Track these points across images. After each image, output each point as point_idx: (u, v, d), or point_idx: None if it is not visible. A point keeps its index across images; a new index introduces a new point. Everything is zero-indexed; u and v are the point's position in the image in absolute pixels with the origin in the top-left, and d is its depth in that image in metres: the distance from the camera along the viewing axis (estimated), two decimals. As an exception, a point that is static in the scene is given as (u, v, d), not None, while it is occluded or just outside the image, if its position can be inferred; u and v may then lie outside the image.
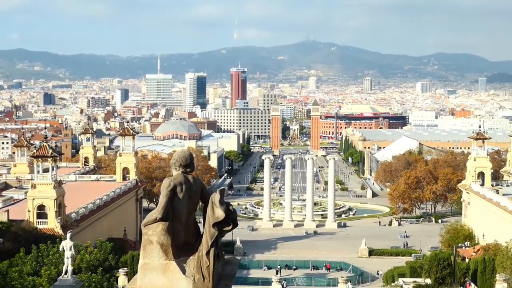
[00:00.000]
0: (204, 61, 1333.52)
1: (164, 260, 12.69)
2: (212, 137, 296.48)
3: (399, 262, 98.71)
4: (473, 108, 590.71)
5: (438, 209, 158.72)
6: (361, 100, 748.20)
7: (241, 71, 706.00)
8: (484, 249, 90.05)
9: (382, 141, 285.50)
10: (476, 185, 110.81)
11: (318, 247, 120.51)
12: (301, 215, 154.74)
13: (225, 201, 12.75)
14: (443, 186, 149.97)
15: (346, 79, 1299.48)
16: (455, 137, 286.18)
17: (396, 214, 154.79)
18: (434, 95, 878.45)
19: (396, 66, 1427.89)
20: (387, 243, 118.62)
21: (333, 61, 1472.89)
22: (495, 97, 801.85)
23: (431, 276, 79.12)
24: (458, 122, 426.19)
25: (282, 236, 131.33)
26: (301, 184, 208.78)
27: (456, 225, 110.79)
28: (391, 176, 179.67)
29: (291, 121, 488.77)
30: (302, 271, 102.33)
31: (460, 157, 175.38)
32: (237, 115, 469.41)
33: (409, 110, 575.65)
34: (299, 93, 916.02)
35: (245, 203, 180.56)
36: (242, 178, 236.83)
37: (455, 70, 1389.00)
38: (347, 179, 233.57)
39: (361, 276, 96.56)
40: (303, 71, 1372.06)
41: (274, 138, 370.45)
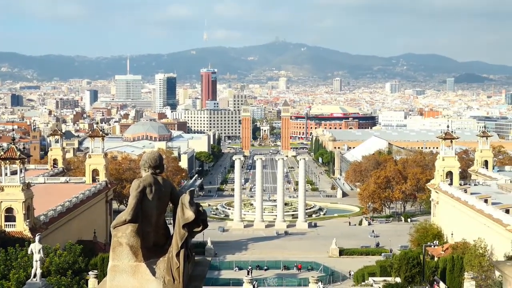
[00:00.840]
0: (174, 62, 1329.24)
1: (134, 262, 12.63)
2: (183, 138, 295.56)
3: (369, 262, 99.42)
4: (442, 108, 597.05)
5: (407, 209, 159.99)
6: (331, 100, 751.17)
7: (211, 72, 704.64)
8: (452, 247, 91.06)
9: (352, 141, 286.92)
10: (445, 184, 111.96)
11: (289, 247, 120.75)
12: (272, 215, 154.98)
13: (195, 202, 12.73)
14: (412, 186, 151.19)
15: (316, 79, 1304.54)
16: (424, 137, 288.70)
17: (366, 213, 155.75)
18: (403, 95, 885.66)
19: (365, 66, 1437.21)
20: (358, 243, 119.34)
21: (303, 61, 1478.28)
22: (463, 98, 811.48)
23: (400, 275, 79.81)
24: (426, 122, 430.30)
25: (253, 237, 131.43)
26: (271, 184, 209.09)
27: (425, 224, 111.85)
28: (361, 176, 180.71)
29: (262, 122, 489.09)
30: (273, 271, 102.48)
31: (429, 156, 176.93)
32: (207, 116, 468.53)
33: (378, 110, 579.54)
34: (269, 94, 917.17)
35: (216, 204, 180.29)
36: (213, 179, 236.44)
37: (423, 71, 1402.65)
38: (318, 179, 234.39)
39: (332, 276, 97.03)
40: (273, 72, 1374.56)
41: (245, 139, 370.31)
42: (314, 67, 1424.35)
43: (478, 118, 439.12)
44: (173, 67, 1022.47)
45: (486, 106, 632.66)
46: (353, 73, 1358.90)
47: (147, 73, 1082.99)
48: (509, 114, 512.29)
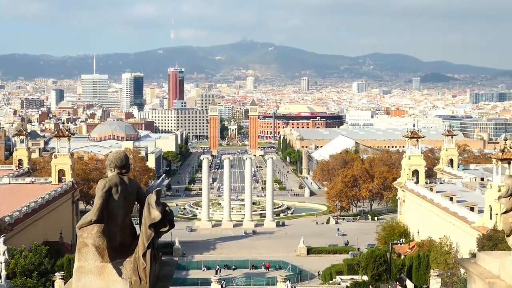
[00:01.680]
0: (141, 61, 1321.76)
1: (99, 262, 12.53)
2: (150, 137, 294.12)
3: (336, 260, 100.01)
4: (408, 107, 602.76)
5: (374, 207, 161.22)
6: (299, 100, 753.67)
7: (178, 71, 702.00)
8: (418, 245, 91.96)
9: (319, 141, 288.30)
10: (411, 183, 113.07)
11: (257, 247, 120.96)
12: (240, 215, 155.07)
13: (161, 202, 12.67)
14: (379, 184, 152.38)
15: (284, 79, 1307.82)
16: (390, 136, 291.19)
17: (334, 212, 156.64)
18: (370, 94, 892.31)
19: (332, 66, 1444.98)
20: (325, 241, 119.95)
21: (271, 61, 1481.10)
22: (428, 97, 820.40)
23: (368, 273, 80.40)
24: (393, 121, 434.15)
25: (221, 236, 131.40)
26: (239, 184, 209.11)
27: (391, 223, 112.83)
28: (328, 175, 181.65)
29: (229, 121, 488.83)
30: (242, 270, 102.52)
31: (395, 155, 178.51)
32: (175, 115, 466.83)
33: (345, 109, 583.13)
34: (237, 93, 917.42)
35: (183, 203, 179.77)
36: (181, 178, 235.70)
37: (390, 70, 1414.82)
38: (285, 178, 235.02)
39: (300, 275, 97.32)
40: (240, 71, 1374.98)
41: (212, 138, 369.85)
42: (282, 67, 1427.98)
43: (443, 117, 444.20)
44: (140, 66, 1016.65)
45: (451, 105, 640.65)
46: (320, 72, 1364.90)
47: (113, 73, 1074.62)
48: (474, 113, 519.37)
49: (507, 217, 13.16)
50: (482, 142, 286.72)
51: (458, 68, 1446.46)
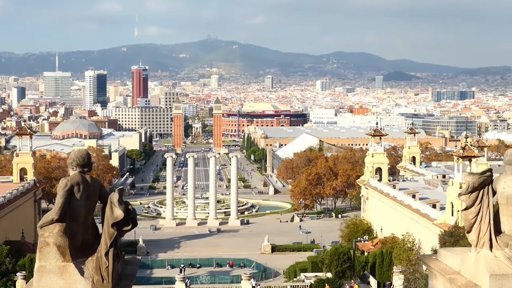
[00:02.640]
0: (104, 58, 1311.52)
1: (61, 262, 12.40)
2: (113, 136, 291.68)
3: (301, 258, 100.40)
4: (371, 105, 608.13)
5: (338, 205, 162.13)
6: (263, 98, 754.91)
7: (142, 69, 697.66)
8: (382, 242, 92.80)
9: (283, 139, 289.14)
10: (374, 180, 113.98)
11: (221, 245, 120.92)
12: (204, 213, 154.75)
13: (124, 200, 12.60)
14: (342, 182, 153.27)
15: (248, 77, 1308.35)
16: (354, 134, 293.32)
17: (298, 210, 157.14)
18: (334, 93, 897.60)
19: (296, 64, 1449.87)
20: (290, 239, 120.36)
21: (235, 59, 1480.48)
22: (391, 95, 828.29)
23: (331, 270, 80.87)
24: (356, 119, 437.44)
25: (186, 235, 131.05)
26: (204, 182, 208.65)
27: (355, 220, 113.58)
28: (292, 173, 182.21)
29: (194, 119, 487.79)
30: (206, 269, 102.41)
31: (359, 153, 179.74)
32: (138, 113, 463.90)
33: (309, 107, 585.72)
34: (201, 91, 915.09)
35: (147, 202, 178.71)
36: (145, 177, 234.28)
37: (353, 69, 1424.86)
38: (250, 177, 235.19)
39: (264, 272, 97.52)
40: (205, 69, 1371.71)
41: (177, 137, 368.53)
42: (246, 65, 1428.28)
43: (406, 115, 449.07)
44: (103, 64, 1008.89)
45: (413, 104, 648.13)
46: (284, 70, 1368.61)
47: (76, 70, 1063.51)
48: (436, 112, 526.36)
49: (467, 214, 13.35)
50: (443, 140, 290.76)
51: (421, 67, 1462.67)
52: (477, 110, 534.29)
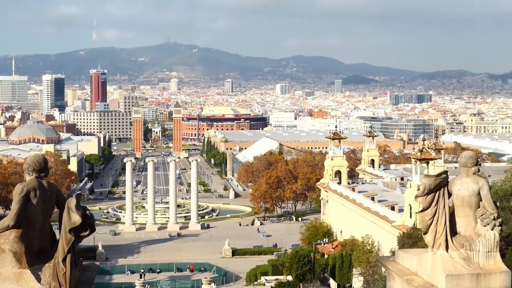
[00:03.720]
0: (62, 62, 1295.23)
1: (17, 268, 12.23)
2: (72, 140, 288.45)
3: (261, 261, 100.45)
4: (330, 109, 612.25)
5: (298, 208, 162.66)
6: (223, 102, 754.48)
7: (100, 73, 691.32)
8: (341, 244, 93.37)
9: (243, 142, 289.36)
10: (334, 183, 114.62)
11: (182, 249, 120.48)
12: (164, 217, 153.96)
13: (82, 205, 12.48)
14: (302, 185, 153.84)
15: (208, 81, 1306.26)
16: (313, 137, 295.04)
17: (258, 213, 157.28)
18: (293, 96, 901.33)
19: (256, 68, 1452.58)
20: (250, 243, 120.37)
21: (195, 63, 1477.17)
22: (350, 99, 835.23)
23: (292, 273, 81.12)
24: (316, 122, 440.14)
25: (146, 240, 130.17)
26: (164, 186, 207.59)
27: (315, 223, 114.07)
28: (252, 176, 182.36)
29: (153, 124, 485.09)
30: (166, 274, 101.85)
31: (318, 156, 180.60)
32: (97, 117, 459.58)
33: (269, 111, 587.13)
34: (160, 95, 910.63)
35: (106, 207, 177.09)
36: (104, 182, 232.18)
37: (312, 72, 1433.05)
38: (210, 180, 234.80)
39: (225, 276, 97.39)
40: (164, 73, 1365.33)
41: (136, 141, 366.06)
42: (206, 69, 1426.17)
43: (364, 119, 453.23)
44: (61, 67, 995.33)
45: (372, 107, 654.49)
46: (244, 74, 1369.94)
47: (33, 74, 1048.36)
48: (394, 115, 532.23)
49: (424, 216, 13.55)
50: (402, 143, 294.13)
51: (379, 71, 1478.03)
52: (434, 113, 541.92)
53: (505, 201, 41.17)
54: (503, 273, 12.96)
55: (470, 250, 13.08)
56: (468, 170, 13.52)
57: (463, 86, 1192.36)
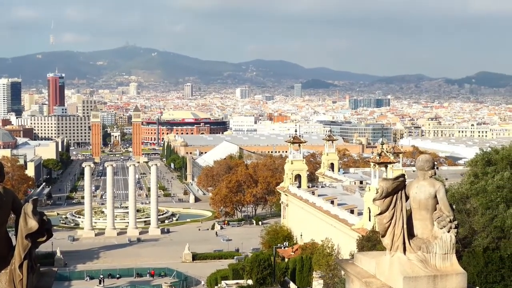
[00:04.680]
0: (19, 66, 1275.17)
1: (-27, 275, 12.03)
2: (29, 145, 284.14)
3: (222, 265, 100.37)
4: (290, 113, 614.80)
5: (258, 212, 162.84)
6: (183, 106, 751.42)
7: (58, 77, 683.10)
8: (302, 248, 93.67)
9: (203, 146, 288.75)
10: (293, 187, 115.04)
11: (142, 254, 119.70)
12: (124, 222, 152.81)
13: (38, 211, 12.32)
14: (263, 189, 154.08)
15: (167, 85, 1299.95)
16: (273, 141, 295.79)
17: (219, 218, 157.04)
18: (253, 100, 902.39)
19: (216, 72, 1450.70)
20: (211, 247, 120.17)
21: (154, 67, 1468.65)
22: (309, 103, 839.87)
23: (252, 277, 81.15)
24: (276, 126, 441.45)
25: (105, 245, 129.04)
26: (123, 191, 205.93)
27: (275, 227, 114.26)
28: (213, 180, 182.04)
29: (112, 128, 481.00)
30: (126, 279, 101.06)
31: (278, 160, 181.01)
32: (55, 122, 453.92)
33: (229, 115, 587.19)
34: (120, 99, 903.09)
35: (65, 212, 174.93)
36: (62, 187, 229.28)
37: (272, 77, 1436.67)
38: (170, 185, 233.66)
39: (185, 281, 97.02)
40: (123, 77, 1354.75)
41: (95, 145, 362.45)
42: (165, 73, 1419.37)
43: (324, 123, 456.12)
44: (18, 71, 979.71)
45: (331, 111, 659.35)
46: (204, 78, 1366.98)
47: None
48: (353, 119, 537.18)
49: (382, 218, 13.69)
50: (361, 147, 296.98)
51: (338, 75, 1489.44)
52: (392, 117, 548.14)
53: (461, 203, 41.81)
54: (459, 274, 13.17)
55: (427, 252, 13.26)
56: (425, 173, 13.72)
57: (421, 90, 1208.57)
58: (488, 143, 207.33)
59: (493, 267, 37.69)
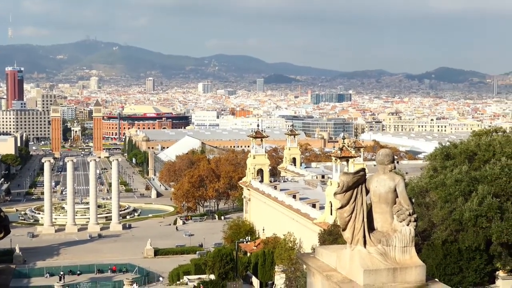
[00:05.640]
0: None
1: None
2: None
3: (184, 260, 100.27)
4: (252, 108, 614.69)
5: (221, 206, 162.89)
6: (144, 100, 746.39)
7: (17, 70, 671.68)
8: (264, 242, 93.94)
9: (165, 141, 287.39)
10: (256, 181, 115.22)
11: (103, 250, 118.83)
12: (84, 218, 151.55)
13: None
14: (225, 184, 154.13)
15: (129, 79, 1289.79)
16: (236, 136, 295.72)
17: (181, 213, 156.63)
18: (216, 95, 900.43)
19: (178, 66, 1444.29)
20: (173, 242, 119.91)
21: (115, 61, 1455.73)
22: (272, 97, 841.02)
23: (215, 272, 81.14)
24: (238, 121, 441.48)
25: (65, 241, 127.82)
26: (84, 186, 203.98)
27: (238, 221, 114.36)
28: (175, 175, 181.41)
29: (73, 123, 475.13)
30: (87, 275, 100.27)
31: (241, 155, 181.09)
32: (13, 116, 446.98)
33: (191, 110, 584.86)
34: (80, 94, 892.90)
35: (24, 208, 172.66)
36: (21, 182, 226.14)
37: (234, 71, 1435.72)
38: (132, 180, 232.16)
39: (147, 277, 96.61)
40: (84, 71, 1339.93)
41: (55, 140, 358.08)
42: (127, 67, 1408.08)
43: (286, 117, 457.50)
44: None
45: (293, 106, 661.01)
46: (166, 73, 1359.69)
47: None
48: (315, 114, 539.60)
49: (342, 212, 13.78)
50: (322, 141, 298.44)
51: (300, 70, 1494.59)
52: (354, 112, 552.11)
53: (421, 197, 42.34)
54: (418, 267, 13.33)
55: (387, 245, 13.39)
56: (385, 167, 13.84)
57: (382, 85, 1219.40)
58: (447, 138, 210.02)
59: (452, 259, 38.29)
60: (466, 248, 38.42)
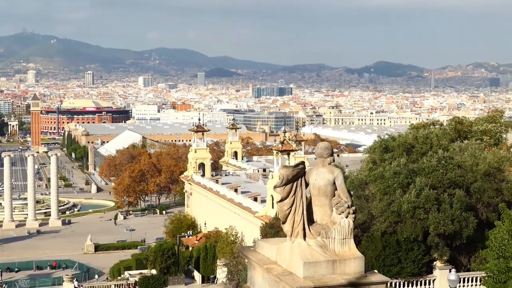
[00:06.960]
0: None
1: None
2: None
3: (125, 256, 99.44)
4: (193, 102, 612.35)
5: (162, 201, 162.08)
6: (84, 94, 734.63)
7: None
8: (206, 236, 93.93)
9: (105, 136, 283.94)
10: (197, 175, 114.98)
11: (42, 247, 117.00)
12: (22, 214, 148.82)
13: None
14: (166, 178, 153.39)
15: (68, 73, 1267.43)
16: (177, 130, 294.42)
17: (122, 208, 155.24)
18: (156, 89, 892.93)
19: (118, 60, 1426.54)
20: (113, 238, 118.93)
21: (53, 54, 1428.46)
22: (213, 91, 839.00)
23: (156, 267, 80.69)
24: (179, 115, 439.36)
25: (3, 238, 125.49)
26: (22, 182, 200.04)
27: (179, 216, 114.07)
28: (115, 170, 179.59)
29: (10, 117, 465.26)
30: (25, 272, 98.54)
31: (182, 149, 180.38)
32: None
33: (132, 104, 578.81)
34: (17, 87, 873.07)
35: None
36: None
37: (175, 65, 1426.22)
38: (71, 175, 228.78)
39: (88, 273, 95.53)
40: (21, 64, 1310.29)
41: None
42: (65, 60, 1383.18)
43: (228, 111, 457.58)
44: None
45: (235, 100, 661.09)
46: (105, 66, 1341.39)
47: None
48: (256, 107, 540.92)
49: (282, 205, 13.89)
50: (264, 135, 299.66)
51: (241, 64, 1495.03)
52: (295, 106, 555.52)
53: (360, 190, 42.94)
54: (357, 258, 13.55)
55: (326, 237, 13.57)
56: (324, 160, 14.00)
57: (322, 79, 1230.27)
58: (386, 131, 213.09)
59: (391, 250, 38.97)
60: (405, 239, 39.15)
